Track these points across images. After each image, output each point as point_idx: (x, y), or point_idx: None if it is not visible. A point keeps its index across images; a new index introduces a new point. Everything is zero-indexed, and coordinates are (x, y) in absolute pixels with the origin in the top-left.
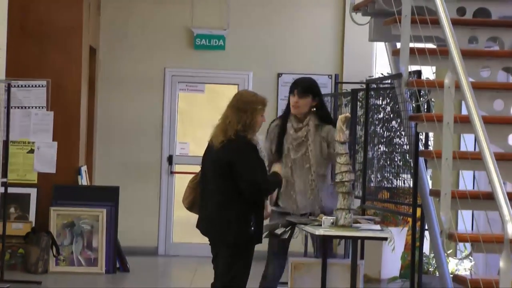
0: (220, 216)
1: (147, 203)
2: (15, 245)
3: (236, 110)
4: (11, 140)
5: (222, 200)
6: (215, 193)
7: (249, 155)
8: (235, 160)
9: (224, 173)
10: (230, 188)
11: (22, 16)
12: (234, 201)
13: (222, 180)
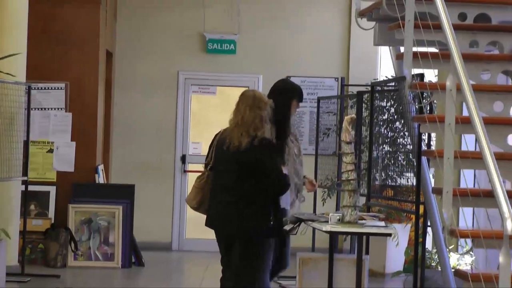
0: (241, 212)
1: (161, 200)
2: (35, 241)
3: (253, 109)
4: (31, 140)
5: (243, 197)
6: (236, 190)
7: (274, 155)
8: (264, 158)
9: (250, 171)
10: (253, 185)
11: (41, 22)
12: (255, 198)
13: (246, 177)
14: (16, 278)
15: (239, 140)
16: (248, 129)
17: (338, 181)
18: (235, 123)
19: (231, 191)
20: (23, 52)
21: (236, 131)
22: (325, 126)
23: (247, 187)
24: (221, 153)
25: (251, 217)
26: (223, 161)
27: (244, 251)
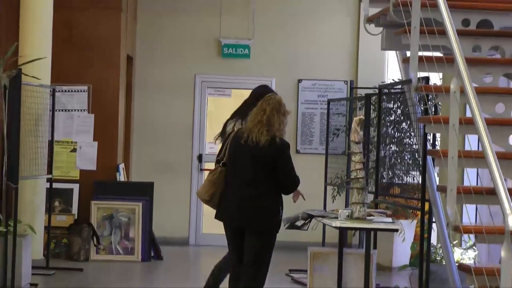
0: (257, 206)
1: (179, 197)
2: (59, 236)
3: (278, 114)
4: (55, 140)
5: (260, 191)
6: (253, 184)
7: (289, 153)
8: (281, 156)
9: (267, 167)
10: (268, 181)
11: (65, 28)
12: (269, 192)
13: (263, 173)
14: (41, 271)
15: (258, 137)
16: (269, 129)
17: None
18: (258, 121)
19: (247, 186)
20: (47, 57)
21: (257, 128)
22: (335, 127)
23: (262, 183)
24: (238, 147)
25: (266, 210)
26: (240, 155)
27: (258, 242)
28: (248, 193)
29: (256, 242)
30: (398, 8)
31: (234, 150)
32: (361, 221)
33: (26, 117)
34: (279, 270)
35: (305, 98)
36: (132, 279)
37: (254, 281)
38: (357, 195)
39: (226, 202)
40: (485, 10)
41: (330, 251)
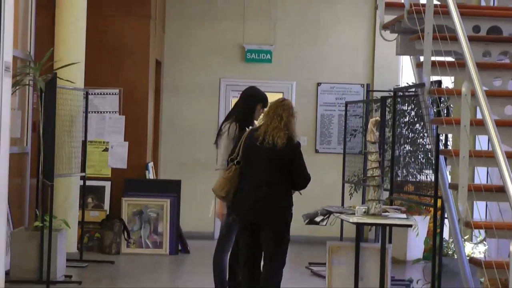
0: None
1: (204, 194)
2: (92, 230)
3: (293, 118)
4: (88, 140)
5: (275, 191)
6: (269, 184)
7: (301, 154)
8: (297, 155)
9: (283, 168)
10: (284, 181)
11: (98, 34)
12: (284, 193)
13: (279, 174)
14: (75, 263)
15: (276, 139)
16: (286, 132)
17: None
18: (275, 126)
19: (263, 186)
20: (81, 61)
21: (276, 132)
22: (352, 128)
23: (278, 183)
24: (253, 148)
25: (281, 210)
26: (255, 156)
27: (274, 240)
28: (264, 192)
29: (271, 240)
30: (412, 15)
31: (249, 151)
32: (377, 217)
33: (61, 118)
34: (300, 263)
35: (324, 100)
36: (160, 271)
37: (274, 276)
38: (373, 192)
39: (242, 199)
40: (495, 17)
41: (348, 245)
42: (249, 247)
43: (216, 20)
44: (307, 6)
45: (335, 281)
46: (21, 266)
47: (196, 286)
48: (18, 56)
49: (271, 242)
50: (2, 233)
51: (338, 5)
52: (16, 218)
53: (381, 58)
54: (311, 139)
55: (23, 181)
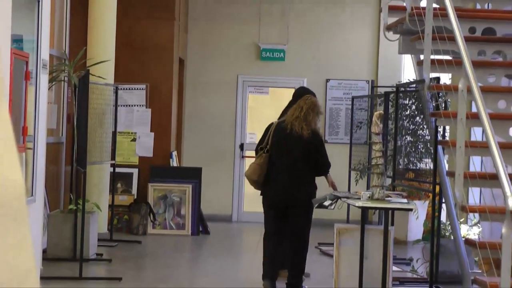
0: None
1: (223, 180)
2: (121, 213)
3: (316, 114)
4: (118, 131)
5: (301, 175)
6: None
7: (324, 144)
8: (321, 145)
9: (308, 155)
10: (307, 166)
11: (127, 35)
12: (308, 176)
13: (304, 160)
14: (106, 243)
15: (300, 130)
16: (307, 124)
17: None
18: (297, 116)
19: (291, 170)
20: (111, 59)
21: (296, 122)
22: (358, 120)
23: (303, 168)
24: (282, 137)
25: (306, 190)
26: (283, 144)
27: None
28: (291, 176)
29: (298, 218)
30: (413, 17)
31: (278, 140)
32: (381, 202)
33: (93, 111)
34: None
35: (332, 95)
36: (183, 251)
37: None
38: (377, 179)
39: (272, 183)
40: (489, 20)
41: (354, 227)
42: (277, 224)
43: (234, 22)
44: (317, 9)
45: (342, 260)
46: (57, 245)
47: (215, 263)
48: (54, 54)
49: (298, 221)
50: (40, 215)
51: (345, 9)
52: (53, 202)
53: (384, 57)
54: (321, 130)
55: (59, 168)
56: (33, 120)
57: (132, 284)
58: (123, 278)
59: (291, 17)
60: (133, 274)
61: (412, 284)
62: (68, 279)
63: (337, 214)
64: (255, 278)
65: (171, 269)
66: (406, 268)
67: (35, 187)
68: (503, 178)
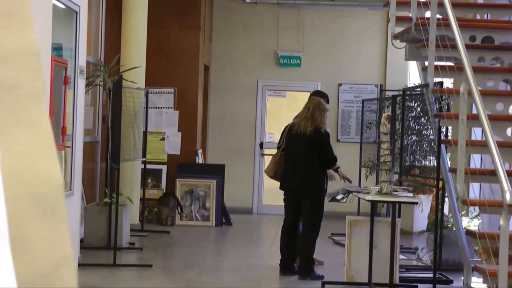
0: (310, 179)
1: (244, 176)
2: (151, 205)
3: (322, 111)
4: (148, 131)
5: (311, 169)
6: (306, 164)
7: (328, 139)
8: (323, 142)
9: (313, 150)
10: (315, 160)
11: (157, 43)
12: (316, 169)
13: (311, 155)
14: (137, 233)
15: (305, 128)
16: (313, 122)
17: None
18: (305, 116)
19: (300, 165)
20: (142, 65)
21: (304, 122)
22: (367, 121)
23: (310, 162)
24: (291, 137)
25: (315, 182)
26: (293, 143)
27: (311, 206)
28: (301, 170)
29: (309, 206)
30: (418, 27)
31: (289, 139)
32: (388, 196)
33: (126, 113)
34: (323, 234)
35: (344, 98)
36: (208, 240)
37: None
38: (385, 175)
39: (286, 177)
40: (488, 29)
41: (364, 219)
42: (292, 214)
43: (255, 31)
44: (331, 19)
45: (353, 249)
46: (93, 235)
47: (237, 251)
48: (90, 61)
49: (309, 209)
50: (78, 208)
51: (356, 19)
52: (89, 196)
53: (392, 63)
54: (333, 130)
55: (95, 165)
56: (72, 121)
57: (162, 270)
58: (153, 265)
59: (306, 27)
60: (162, 261)
61: (417, 271)
62: (103, 266)
63: (349, 207)
64: (273, 264)
65: (197, 257)
66: (412, 257)
67: (73, 182)
68: (501, 174)
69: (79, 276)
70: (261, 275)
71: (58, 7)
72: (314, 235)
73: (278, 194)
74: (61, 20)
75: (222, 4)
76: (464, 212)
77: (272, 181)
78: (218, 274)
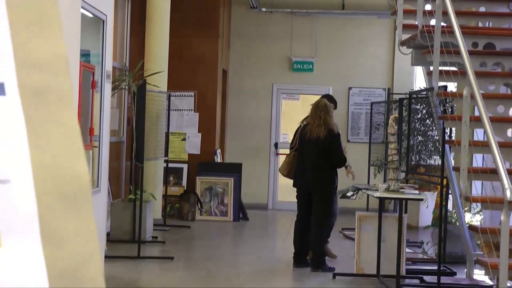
0: (321, 177)
1: (260, 174)
2: (173, 202)
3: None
4: (170, 131)
5: (320, 168)
6: (316, 162)
7: (338, 140)
8: (334, 142)
9: (325, 152)
10: (326, 161)
11: (178, 49)
12: (326, 169)
13: (322, 156)
14: (160, 227)
15: (318, 133)
16: (326, 126)
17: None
18: (317, 124)
19: (312, 164)
20: (165, 71)
21: (317, 128)
22: (376, 123)
23: (321, 163)
24: (305, 140)
25: (324, 181)
26: (306, 145)
27: (322, 201)
28: (313, 170)
29: (318, 202)
30: (424, 34)
31: (302, 141)
32: (396, 193)
33: (149, 115)
34: (334, 228)
35: (353, 101)
36: (226, 234)
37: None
38: (392, 173)
39: (299, 176)
40: (490, 36)
41: (373, 214)
42: (303, 210)
43: (270, 38)
44: (341, 27)
45: (362, 243)
46: (119, 229)
47: (254, 244)
48: (116, 66)
49: (318, 206)
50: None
51: (365, 27)
52: (115, 192)
53: (399, 68)
54: (344, 131)
55: (120, 164)
56: (99, 122)
57: (183, 262)
58: (174, 257)
59: (318, 34)
60: (184, 254)
61: (422, 263)
62: (128, 258)
63: (358, 204)
64: (287, 257)
65: (216, 250)
66: (417, 250)
67: (100, 179)
68: (501, 173)
69: (105, 267)
70: (276, 266)
71: (86, 16)
72: (323, 230)
73: (292, 191)
74: (89, 28)
75: (240, 13)
76: (467, 208)
77: (285, 178)
78: (236, 266)
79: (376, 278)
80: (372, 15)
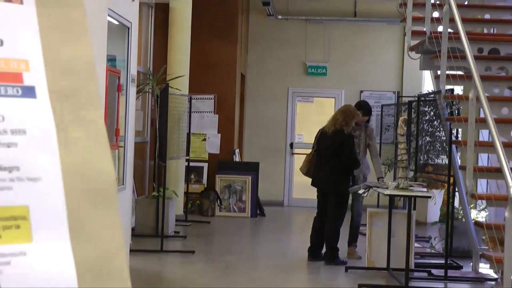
0: (333, 178)
1: (276, 172)
2: (194, 198)
3: (344, 115)
4: (191, 132)
5: (332, 166)
6: (329, 162)
7: (351, 141)
8: (344, 144)
9: (336, 150)
10: (338, 160)
11: (199, 55)
12: (338, 168)
13: (335, 156)
14: (182, 223)
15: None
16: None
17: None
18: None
19: (325, 165)
20: (186, 75)
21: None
22: (386, 124)
23: (333, 160)
24: (321, 139)
25: (337, 180)
26: (322, 145)
27: (335, 200)
28: (324, 168)
29: (331, 201)
30: (432, 40)
31: (319, 141)
32: (405, 190)
33: (172, 116)
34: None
35: None
36: (244, 229)
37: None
38: (402, 172)
39: (316, 175)
40: (494, 41)
41: (383, 211)
42: (321, 206)
43: (285, 44)
44: (353, 33)
45: (373, 238)
46: (143, 224)
47: (270, 239)
48: (140, 70)
49: (331, 204)
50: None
51: (376, 33)
52: (139, 189)
53: (408, 72)
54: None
55: (144, 163)
56: (124, 123)
57: (203, 256)
58: (195, 251)
59: (331, 40)
60: (204, 247)
61: (430, 257)
62: (152, 251)
63: (369, 201)
64: (302, 251)
65: (234, 244)
66: (425, 245)
67: (125, 177)
68: (506, 171)
69: (130, 260)
70: (291, 260)
71: (112, 23)
72: (335, 226)
73: (307, 189)
74: (115, 35)
75: (257, 20)
76: (472, 205)
77: (301, 176)
78: (253, 259)
79: (386, 271)
80: (383, 22)
